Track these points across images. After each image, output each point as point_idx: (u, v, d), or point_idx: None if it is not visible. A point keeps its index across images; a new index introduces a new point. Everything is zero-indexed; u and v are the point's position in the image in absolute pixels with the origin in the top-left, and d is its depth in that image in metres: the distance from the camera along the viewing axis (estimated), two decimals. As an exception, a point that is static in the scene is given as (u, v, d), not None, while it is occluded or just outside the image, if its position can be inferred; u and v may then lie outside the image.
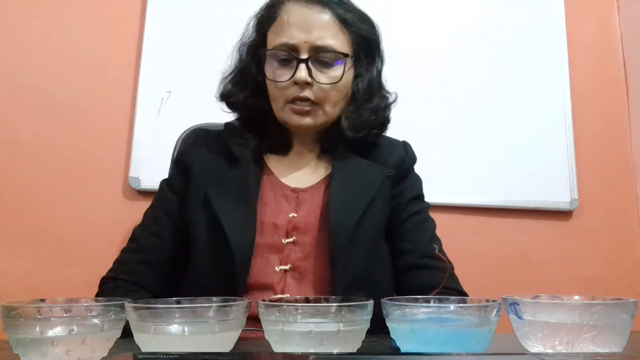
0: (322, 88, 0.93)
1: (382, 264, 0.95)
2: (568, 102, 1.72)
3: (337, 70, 0.94)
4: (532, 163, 1.66)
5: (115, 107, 1.47)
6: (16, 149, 1.39)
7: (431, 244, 0.96)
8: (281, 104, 0.95)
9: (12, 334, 0.50)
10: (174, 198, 0.97)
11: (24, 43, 1.45)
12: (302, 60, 0.92)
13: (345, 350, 0.54)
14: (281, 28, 0.94)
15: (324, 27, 0.93)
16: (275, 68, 0.95)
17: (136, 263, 0.94)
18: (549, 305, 0.57)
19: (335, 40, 0.94)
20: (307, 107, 0.94)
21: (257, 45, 1.00)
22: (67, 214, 1.38)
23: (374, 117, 0.99)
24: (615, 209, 1.72)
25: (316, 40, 0.92)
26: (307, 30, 0.92)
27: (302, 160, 1.02)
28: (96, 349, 0.52)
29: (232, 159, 0.97)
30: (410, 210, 0.99)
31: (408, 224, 0.98)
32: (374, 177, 0.97)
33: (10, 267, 1.33)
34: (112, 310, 0.54)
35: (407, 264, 0.95)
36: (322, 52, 0.92)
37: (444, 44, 1.69)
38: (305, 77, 0.91)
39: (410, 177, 1.04)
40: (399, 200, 0.99)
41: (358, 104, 0.98)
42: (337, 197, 0.92)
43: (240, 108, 1.02)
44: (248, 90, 1.00)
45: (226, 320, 0.55)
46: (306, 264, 0.90)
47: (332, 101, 0.95)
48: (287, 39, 0.92)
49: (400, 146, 1.05)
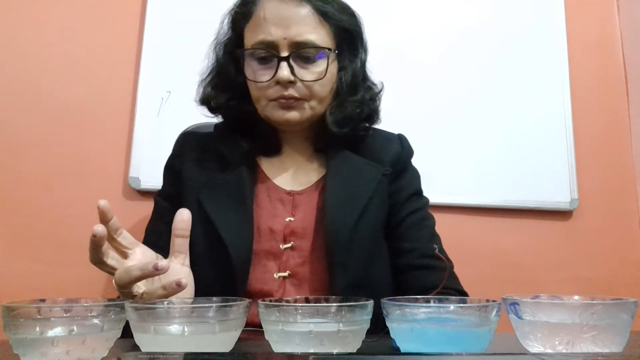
0: (306, 85, 0.89)
1: (381, 265, 0.94)
2: (568, 102, 1.71)
3: (320, 65, 0.90)
4: (532, 163, 1.66)
5: (115, 107, 1.47)
6: (16, 149, 1.39)
7: (431, 242, 0.94)
8: (264, 103, 0.92)
9: (12, 334, 0.50)
10: (167, 206, 0.95)
11: (23, 43, 1.45)
12: (282, 58, 0.87)
13: (345, 350, 0.54)
14: (257, 25, 0.89)
15: (303, 22, 0.89)
16: (255, 68, 0.90)
17: None
18: (549, 305, 0.57)
19: (316, 34, 0.89)
20: (294, 101, 0.90)
21: (233, 45, 0.96)
22: (67, 214, 1.38)
23: (359, 110, 0.95)
24: (615, 209, 1.72)
25: (295, 36, 0.87)
26: (285, 26, 0.88)
27: (295, 161, 0.99)
28: (96, 349, 0.52)
29: (224, 162, 0.94)
30: (409, 208, 0.97)
31: (407, 222, 0.96)
32: (371, 176, 0.94)
33: (10, 267, 1.33)
34: (112, 310, 0.54)
35: (407, 264, 0.94)
36: (302, 48, 0.88)
37: (443, 44, 1.69)
38: (287, 75, 0.87)
39: (408, 173, 1.01)
40: (397, 197, 0.97)
41: (342, 99, 0.95)
42: (333, 199, 0.90)
43: (223, 111, 0.98)
44: (229, 93, 0.96)
45: (226, 320, 0.55)
46: (305, 270, 0.88)
47: (318, 97, 0.92)
48: (265, 36, 0.88)
49: (395, 140, 1.03)
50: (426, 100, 1.64)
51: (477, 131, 1.65)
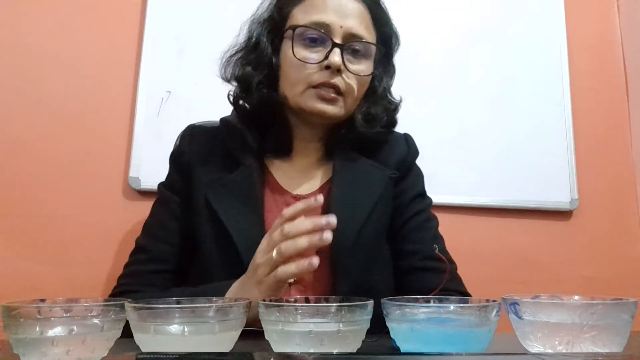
0: (349, 78, 0.88)
1: (383, 268, 0.93)
2: (568, 102, 1.71)
3: (365, 63, 0.90)
4: (532, 163, 1.66)
5: (115, 107, 1.47)
6: (16, 149, 1.39)
7: (434, 244, 0.93)
8: (302, 88, 0.88)
9: (12, 334, 0.50)
10: (176, 199, 0.93)
11: (23, 43, 1.45)
12: (337, 44, 0.86)
13: (345, 350, 0.54)
14: (314, 7, 0.88)
15: (359, 17, 0.89)
16: (303, 48, 0.88)
17: (150, 274, 0.89)
18: (549, 305, 0.57)
19: (367, 32, 0.90)
20: (333, 94, 0.88)
21: (275, 25, 0.92)
22: (67, 214, 1.38)
23: (386, 115, 0.96)
24: (615, 209, 1.72)
25: (352, 28, 0.87)
26: (343, 14, 0.87)
27: (304, 163, 0.97)
28: (96, 349, 0.52)
29: (233, 161, 0.92)
30: (413, 210, 0.96)
31: (411, 224, 0.96)
32: (376, 179, 0.93)
33: (10, 267, 1.33)
34: (112, 310, 0.54)
35: (409, 266, 0.93)
36: (357, 40, 0.88)
37: (443, 44, 1.69)
38: (339, 62, 0.85)
39: (412, 174, 1.01)
40: (401, 199, 0.96)
41: (372, 101, 0.95)
42: (339, 204, 0.88)
43: (252, 93, 0.92)
44: (261, 73, 0.91)
45: (226, 320, 0.55)
46: (309, 275, 0.86)
47: (354, 95, 0.91)
48: (323, 18, 0.87)
49: (402, 141, 1.02)
50: (426, 100, 1.64)
51: (477, 131, 1.65)
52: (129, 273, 0.92)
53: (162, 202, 0.96)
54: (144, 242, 0.93)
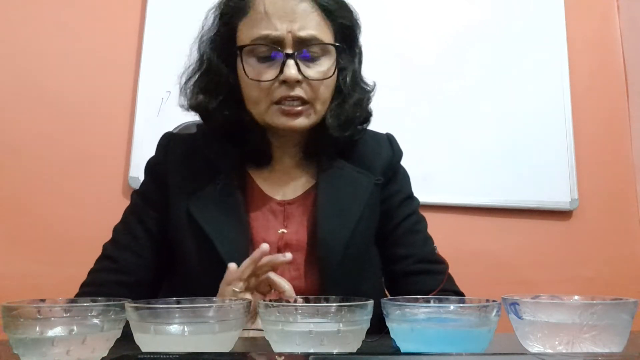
0: (311, 85, 0.83)
1: (372, 274, 0.91)
2: (568, 102, 1.72)
3: (325, 64, 0.84)
4: (532, 163, 1.66)
5: (115, 107, 1.47)
6: (16, 149, 1.39)
7: (426, 246, 0.93)
8: (265, 106, 0.84)
9: (12, 334, 0.50)
10: (151, 212, 0.89)
11: (24, 43, 1.45)
12: (289, 55, 0.81)
13: (345, 350, 0.54)
14: (257, 20, 0.82)
15: (306, 17, 0.82)
16: (256, 66, 0.83)
17: (115, 285, 0.85)
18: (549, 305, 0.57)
19: (319, 30, 0.83)
20: (298, 106, 0.83)
21: (225, 42, 0.87)
22: (67, 214, 1.38)
23: (359, 112, 0.91)
24: (615, 209, 1.72)
25: (300, 30, 0.81)
26: (289, 19, 0.81)
27: (285, 168, 0.93)
28: (96, 349, 0.52)
29: (213, 169, 0.88)
30: (403, 213, 0.94)
31: (401, 227, 0.93)
32: (363, 186, 0.90)
33: (10, 267, 1.33)
34: (112, 310, 0.54)
35: (403, 270, 0.91)
36: (308, 45, 0.82)
37: (443, 44, 1.69)
38: (296, 74, 0.80)
39: (399, 176, 0.98)
40: (389, 203, 0.94)
41: (341, 101, 0.89)
42: (327, 212, 0.86)
43: (213, 119, 0.88)
44: (220, 95, 0.87)
45: (226, 320, 0.55)
46: (300, 283, 0.84)
47: (322, 98, 0.85)
48: (270, 31, 0.81)
49: (385, 143, 0.98)
50: (426, 101, 1.64)
51: (477, 131, 1.65)
52: (94, 281, 0.88)
53: (133, 211, 0.92)
54: (111, 249, 0.90)
